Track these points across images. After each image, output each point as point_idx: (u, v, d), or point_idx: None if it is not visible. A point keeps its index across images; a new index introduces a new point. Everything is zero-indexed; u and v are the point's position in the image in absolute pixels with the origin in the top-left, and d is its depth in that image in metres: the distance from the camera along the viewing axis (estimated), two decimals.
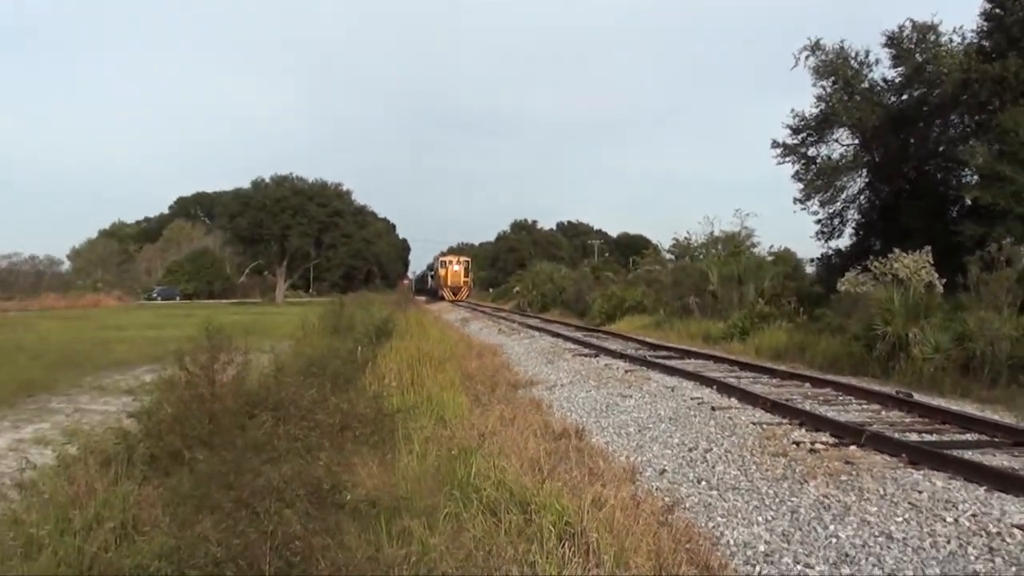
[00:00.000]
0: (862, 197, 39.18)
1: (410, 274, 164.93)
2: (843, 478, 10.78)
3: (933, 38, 36.06)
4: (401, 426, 11.16)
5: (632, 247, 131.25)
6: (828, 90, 38.17)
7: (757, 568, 8.04)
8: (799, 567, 7.99)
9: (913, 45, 36.38)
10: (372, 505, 7.66)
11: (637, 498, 9.40)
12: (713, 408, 16.31)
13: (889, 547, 8.36)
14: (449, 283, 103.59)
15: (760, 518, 9.49)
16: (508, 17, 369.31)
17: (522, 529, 7.68)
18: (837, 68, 37.90)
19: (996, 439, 13.19)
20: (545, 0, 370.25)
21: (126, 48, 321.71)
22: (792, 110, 39.95)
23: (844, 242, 39.95)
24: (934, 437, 13.61)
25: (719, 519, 9.50)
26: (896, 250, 26.70)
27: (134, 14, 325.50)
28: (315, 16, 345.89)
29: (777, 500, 10.08)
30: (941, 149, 35.95)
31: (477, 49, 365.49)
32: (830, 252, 40.32)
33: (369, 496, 7.88)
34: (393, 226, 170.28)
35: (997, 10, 28.63)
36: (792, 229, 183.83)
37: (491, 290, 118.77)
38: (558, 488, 8.78)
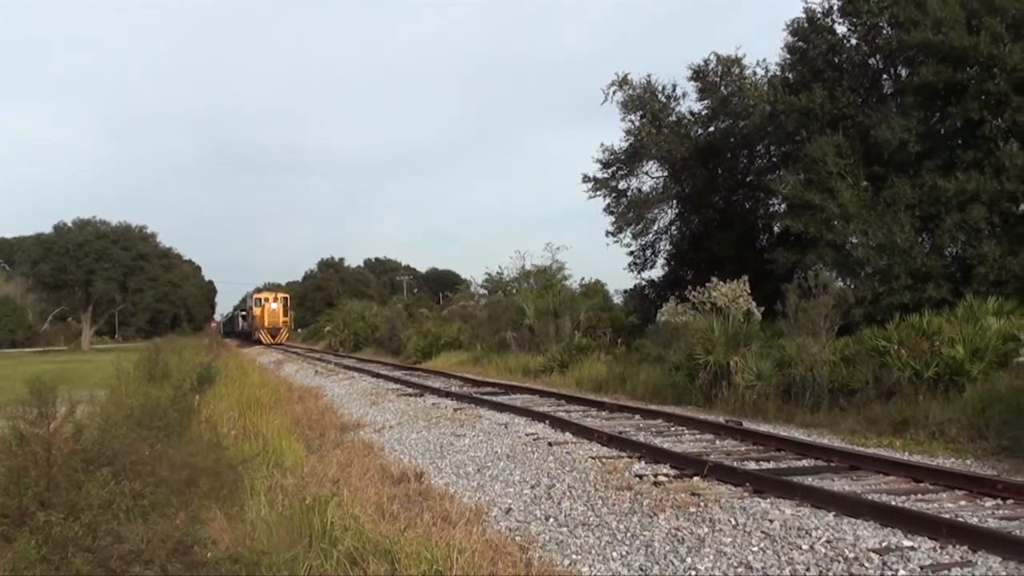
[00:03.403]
0: (673, 228, 39.55)
1: (217, 316, 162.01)
2: (692, 510, 10.76)
3: (737, 71, 36.95)
4: (246, 477, 10.78)
5: (442, 282, 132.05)
6: (637, 124, 38.47)
7: None
8: None
9: (718, 78, 37.18)
10: (233, 561, 7.30)
11: (495, 541, 9.22)
12: (550, 443, 16.21)
13: None
14: (267, 324, 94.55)
15: (615, 553, 9.45)
16: (313, 55, 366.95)
17: None
18: (645, 102, 38.34)
19: (833, 464, 13.40)
20: (354, 35, 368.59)
21: None
22: (602, 144, 40.21)
23: (657, 273, 40.29)
24: (772, 465, 13.78)
25: (574, 556, 9.46)
26: (714, 279, 27.16)
27: None
28: (114, 53, 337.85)
29: (629, 535, 10.03)
30: (749, 179, 36.65)
31: (279, 86, 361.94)
32: (643, 283, 40.71)
33: (228, 552, 7.52)
34: (199, 268, 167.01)
35: (800, 43, 29.42)
36: (606, 260, 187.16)
37: (300, 330, 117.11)
38: (421, 536, 8.57)
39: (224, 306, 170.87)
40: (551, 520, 11.01)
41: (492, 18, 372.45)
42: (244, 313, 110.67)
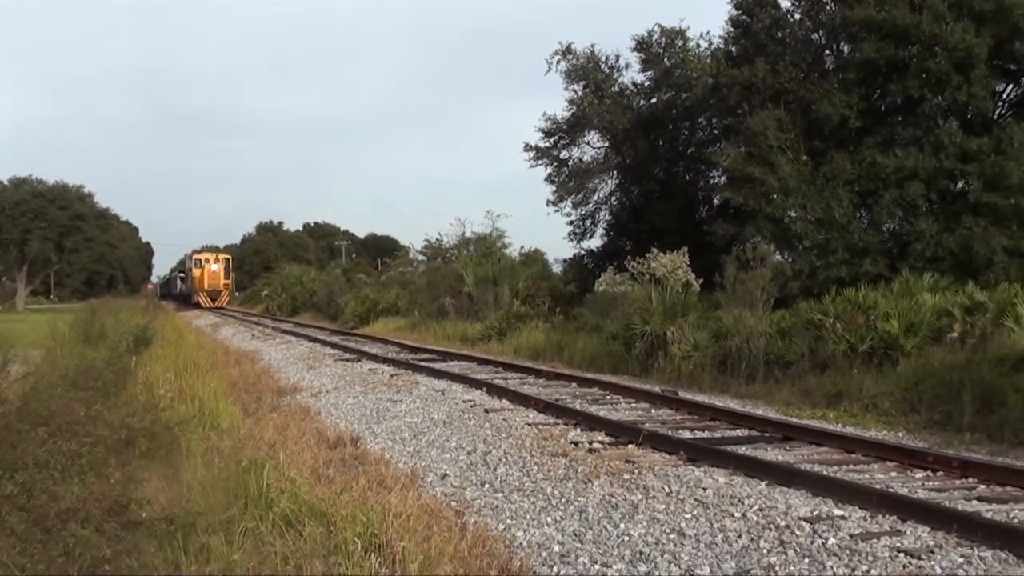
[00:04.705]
0: (613, 198, 39.61)
1: (154, 278, 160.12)
2: (626, 477, 10.80)
3: (681, 43, 36.98)
4: (183, 438, 10.69)
5: (381, 248, 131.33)
6: (579, 93, 38.43)
7: (555, 568, 7.98)
8: (596, 567, 7.95)
9: (662, 50, 37.16)
10: (169, 522, 7.24)
11: (430, 505, 9.21)
12: (486, 410, 16.22)
13: (682, 544, 8.41)
14: (207, 286, 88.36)
15: (549, 519, 9.44)
16: (256, 16, 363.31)
17: (325, 542, 7.42)
18: (588, 72, 38.29)
19: (767, 434, 13.50)
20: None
21: None
22: (544, 113, 40.22)
23: (596, 243, 40.30)
24: (707, 434, 13.89)
25: (509, 521, 9.43)
26: (654, 250, 27.22)
27: None
28: (53, 10, 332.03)
29: (564, 500, 10.04)
30: (690, 151, 36.73)
31: (219, 47, 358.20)
32: (582, 253, 40.70)
33: (164, 512, 7.46)
34: (136, 229, 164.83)
35: (744, 17, 29.44)
36: (547, 229, 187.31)
37: (238, 294, 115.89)
38: (357, 499, 8.56)
39: (161, 268, 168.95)
40: (486, 486, 11.01)
41: None
42: (183, 275, 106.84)
